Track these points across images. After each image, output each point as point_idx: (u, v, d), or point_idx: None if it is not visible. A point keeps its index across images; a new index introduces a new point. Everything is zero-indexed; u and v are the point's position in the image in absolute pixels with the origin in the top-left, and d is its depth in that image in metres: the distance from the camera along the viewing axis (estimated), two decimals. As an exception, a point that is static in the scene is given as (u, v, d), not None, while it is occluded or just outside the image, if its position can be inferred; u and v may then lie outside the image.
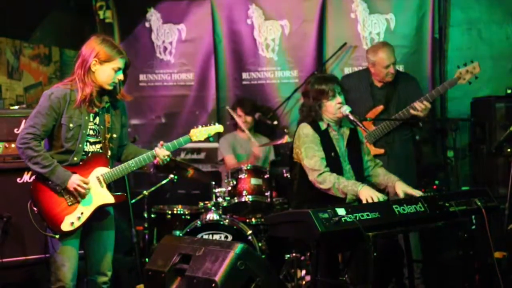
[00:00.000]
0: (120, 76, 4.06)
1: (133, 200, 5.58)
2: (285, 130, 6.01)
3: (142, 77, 7.04)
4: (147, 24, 6.99)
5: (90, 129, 4.05)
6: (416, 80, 5.69)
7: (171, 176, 5.86)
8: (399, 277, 4.60)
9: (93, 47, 4.00)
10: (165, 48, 6.98)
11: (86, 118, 4.02)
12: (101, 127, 4.09)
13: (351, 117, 4.41)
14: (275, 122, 6.64)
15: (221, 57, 6.88)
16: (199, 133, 4.28)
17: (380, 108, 5.39)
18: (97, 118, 4.08)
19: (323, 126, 4.39)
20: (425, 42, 6.37)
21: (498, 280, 4.40)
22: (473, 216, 4.88)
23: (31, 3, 6.01)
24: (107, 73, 4.01)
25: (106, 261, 4.21)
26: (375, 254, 3.62)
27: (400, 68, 6.10)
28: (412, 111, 5.27)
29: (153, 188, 5.91)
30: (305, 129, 4.37)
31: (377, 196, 4.01)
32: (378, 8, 6.49)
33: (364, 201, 4.01)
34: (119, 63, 4.02)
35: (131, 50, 7.03)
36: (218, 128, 4.35)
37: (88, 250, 4.19)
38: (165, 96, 7.04)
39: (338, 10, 6.57)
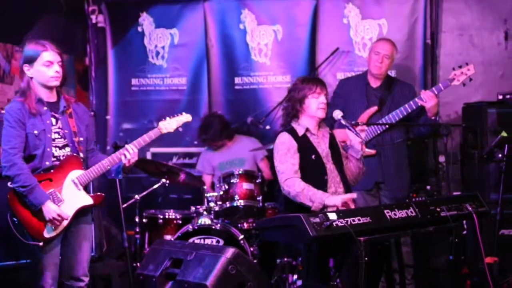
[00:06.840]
0: (56, 68, 4.03)
1: (125, 205, 5.57)
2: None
3: (134, 81, 7.02)
4: (139, 29, 6.98)
5: (55, 132, 4.07)
6: (413, 87, 5.68)
7: (163, 180, 5.85)
8: (390, 282, 4.60)
9: (20, 57, 4.07)
10: (158, 53, 6.97)
11: (48, 122, 4.04)
12: (66, 131, 4.09)
13: (343, 122, 4.42)
14: (268, 127, 6.64)
15: (213, 61, 6.86)
16: (168, 125, 4.33)
17: (374, 109, 5.37)
18: (59, 122, 4.09)
19: (300, 132, 4.40)
20: (417, 47, 6.39)
21: (489, 286, 4.42)
22: (464, 221, 4.89)
23: (22, 7, 5.98)
24: (40, 71, 4.02)
25: (82, 266, 4.17)
26: (366, 259, 3.63)
27: (392, 73, 6.11)
28: (419, 102, 5.23)
29: (144, 193, 5.90)
30: (282, 138, 4.39)
31: (341, 199, 4.08)
32: (370, 13, 6.50)
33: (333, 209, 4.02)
34: (45, 57, 4.02)
35: (124, 55, 7.04)
36: (187, 117, 4.41)
37: (64, 254, 4.14)
38: (158, 101, 7.00)
39: (330, 16, 6.58)
